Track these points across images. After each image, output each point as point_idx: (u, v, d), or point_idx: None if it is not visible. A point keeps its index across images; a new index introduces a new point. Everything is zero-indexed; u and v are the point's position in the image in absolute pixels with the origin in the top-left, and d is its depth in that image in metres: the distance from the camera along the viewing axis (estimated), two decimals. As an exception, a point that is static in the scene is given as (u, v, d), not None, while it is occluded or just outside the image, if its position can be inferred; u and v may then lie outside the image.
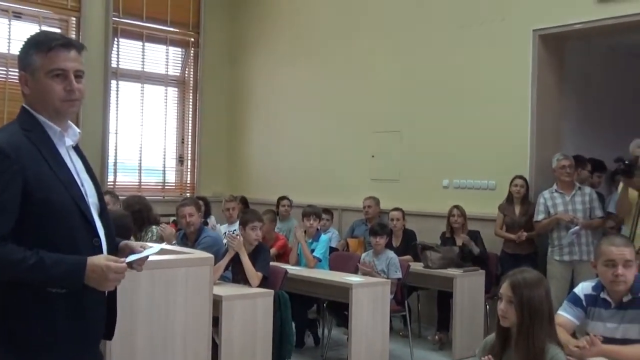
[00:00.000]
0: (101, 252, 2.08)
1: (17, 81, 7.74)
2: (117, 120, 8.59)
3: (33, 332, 1.98)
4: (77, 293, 2.01)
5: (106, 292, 2.14)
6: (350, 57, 8.05)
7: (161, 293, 3.05)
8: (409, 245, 6.57)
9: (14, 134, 2.03)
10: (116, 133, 8.60)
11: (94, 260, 1.98)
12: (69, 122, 2.19)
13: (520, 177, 6.22)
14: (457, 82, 6.93)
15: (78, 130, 2.21)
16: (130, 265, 2.10)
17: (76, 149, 2.21)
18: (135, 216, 5.25)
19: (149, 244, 2.26)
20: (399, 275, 5.61)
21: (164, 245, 2.03)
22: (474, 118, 6.79)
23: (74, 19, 8.18)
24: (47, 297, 1.98)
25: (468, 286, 5.86)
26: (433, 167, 7.13)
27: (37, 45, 2.08)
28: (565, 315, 3.15)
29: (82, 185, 2.11)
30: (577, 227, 5.63)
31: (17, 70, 7.53)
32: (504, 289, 2.66)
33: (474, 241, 6.30)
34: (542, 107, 6.37)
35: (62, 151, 2.10)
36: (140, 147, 8.89)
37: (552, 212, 5.82)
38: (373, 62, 7.79)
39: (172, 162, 9.18)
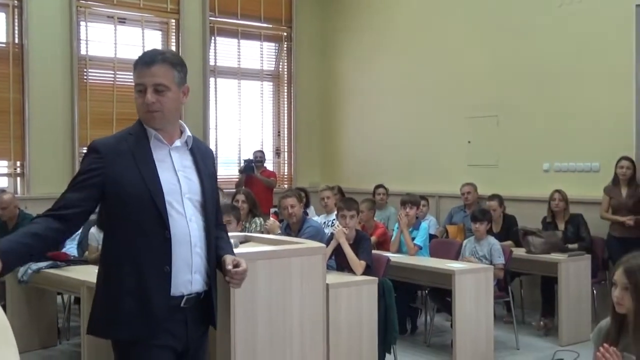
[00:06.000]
0: (170, 245, 2.28)
1: (125, 84, 8.18)
2: (216, 116, 8.94)
3: (102, 309, 2.33)
4: (140, 278, 2.26)
5: (190, 281, 2.34)
6: (443, 43, 8.01)
7: (278, 282, 3.22)
8: (509, 231, 6.51)
9: (117, 136, 2.40)
10: (216, 128, 8.95)
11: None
12: (182, 125, 2.43)
13: (627, 158, 6.04)
14: (556, 62, 6.78)
15: (188, 134, 2.43)
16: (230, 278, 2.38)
17: (192, 150, 2.44)
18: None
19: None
20: (502, 260, 5.59)
21: None
22: (574, 98, 6.63)
23: (173, 21, 8.55)
24: (117, 278, 2.28)
25: (573, 271, 5.76)
26: (532, 151, 7.02)
27: (134, 64, 2.38)
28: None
29: (179, 182, 2.34)
30: None
31: (124, 73, 7.96)
32: (618, 275, 2.64)
33: (576, 225, 6.19)
34: (647, 84, 6.14)
35: (160, 152, 2.35)
36: (239, 141, 9.20)
37: None
38: (466, 47, 7.72)
39: (269, 155, 9.42)
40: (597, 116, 6.45)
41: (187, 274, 2.32)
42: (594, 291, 6.01)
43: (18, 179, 7.74)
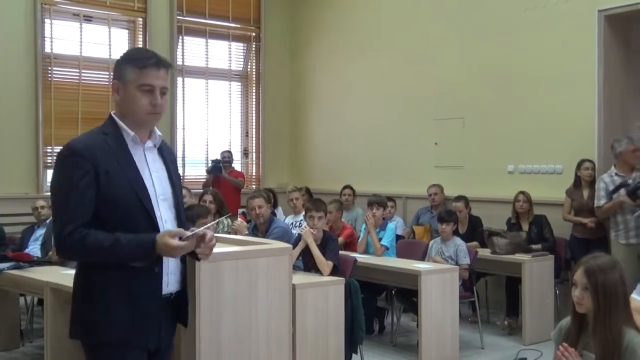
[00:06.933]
0: None
1: (91, 82, 8.11)
2: (184, 116, 8.89)
3: (90, 312, 2.29)
4: (129, 280, 2.26)
5: (166, 282, 2.37)
6: (411, 45, 8.07)
7: (244, 283, 3.21)
8: (475, 232, 6.59)
9: (92, 137, 2.34)
10: (183, 128, 8.89)
11: (159, 238, 2.22)
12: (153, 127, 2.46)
13: (589, 160, 6.16)
14: (521, 66, 6.88)
15: (159, 133, 2.46)
16: (196, 256, 2.40)
17: (161, 150, 2.47)
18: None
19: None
20: (468, 261, 5.65)
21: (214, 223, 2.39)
22: (538, 102, 6.74)
23: (140, 19, 8.47)
24: (103, 281, 2.26)
25: (537, 271, 5.85)
26: (497, 153, 7.12)
27: (133, 60, 2.35)
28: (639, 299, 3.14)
29: (154, 184, 2.36)
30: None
31: (90, 72, 7.91)
32: (578, 276, 2.68)
33: (540, 226, 6.29)
34: (608, 89, 6.28)
35: (137, 152, 2.36)
36: (207, 142, 9.15)
37: (615, 196, 5.75)
38: (434, 50, 7.80)
39: (237, 155, 9.38)
40: (560, 119, 6.57)
41: (164, 275, 2.36)
42: (557, 291, 6.12)
43: (-20, 178, 7.59)
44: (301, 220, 6.46)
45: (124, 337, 2.28)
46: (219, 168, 8.23)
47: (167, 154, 2.50)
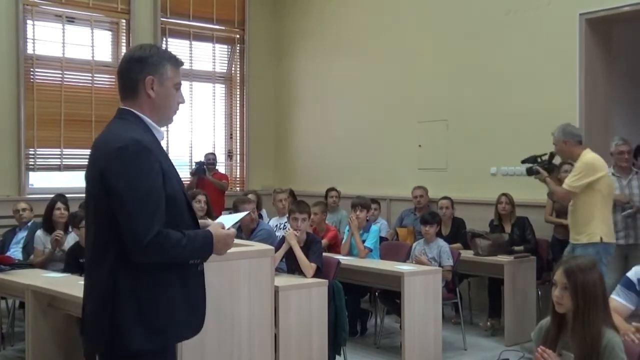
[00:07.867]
0: None
1: (73, 84, 7.97)
2: (167, 117, 8.83)
3: (155, 314, 2.16)
4: (185, 279, 2.22)
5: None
6: (394, 48, 8.10)
7: (226, 284, 3.21)
8: (458, 233, 6.63)
9: (139, 132, 2.22)
10: (167, 130, 8.85)
11: (214, 231, 2.25)
12: None
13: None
14: (503, 69, 6.93)
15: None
16: None
17: None
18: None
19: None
20: (451, 262, 5.68)
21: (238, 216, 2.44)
22: (520, 105, 6.79)
23: (124, 21, 8.43)
24: (161, 283, 2.16)
25: (519, 272, 5.89)
26: (480, 155, 7.16)
27: (171, 59, 2.37)
28: (619, 300, 3.18)
29: None
30: (630, 210, 5.61)
31: (72, 73, 7.76)
32: (558, 275, 2.72)
33: (522, 228, 6.33)
34: (590, 92, 6.33)
35: None
36: (191, 143, 9.13)
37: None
38: (418, 52, 7.83)
39: (221, 157, 9.37)
40: (542, 122, 6.59)
41: None
42: (539, 292, 6.16)
43: (-39, 180, 7.51)
44: (285, 222, 6.46)
45: (180, 340, 2.28)
46: (203, 170, 8.22)
47: None
